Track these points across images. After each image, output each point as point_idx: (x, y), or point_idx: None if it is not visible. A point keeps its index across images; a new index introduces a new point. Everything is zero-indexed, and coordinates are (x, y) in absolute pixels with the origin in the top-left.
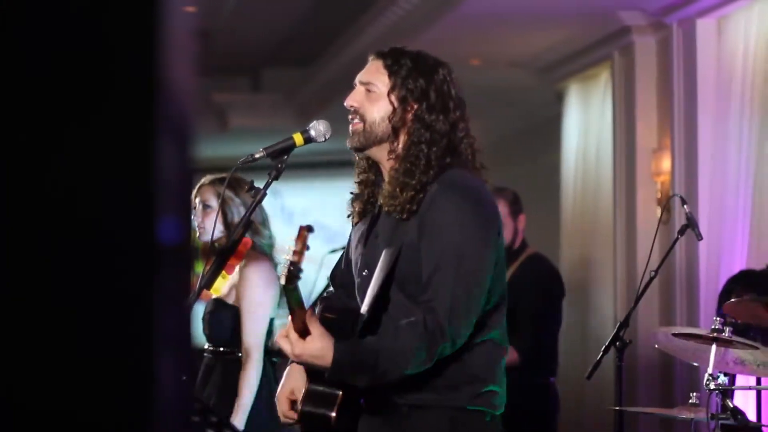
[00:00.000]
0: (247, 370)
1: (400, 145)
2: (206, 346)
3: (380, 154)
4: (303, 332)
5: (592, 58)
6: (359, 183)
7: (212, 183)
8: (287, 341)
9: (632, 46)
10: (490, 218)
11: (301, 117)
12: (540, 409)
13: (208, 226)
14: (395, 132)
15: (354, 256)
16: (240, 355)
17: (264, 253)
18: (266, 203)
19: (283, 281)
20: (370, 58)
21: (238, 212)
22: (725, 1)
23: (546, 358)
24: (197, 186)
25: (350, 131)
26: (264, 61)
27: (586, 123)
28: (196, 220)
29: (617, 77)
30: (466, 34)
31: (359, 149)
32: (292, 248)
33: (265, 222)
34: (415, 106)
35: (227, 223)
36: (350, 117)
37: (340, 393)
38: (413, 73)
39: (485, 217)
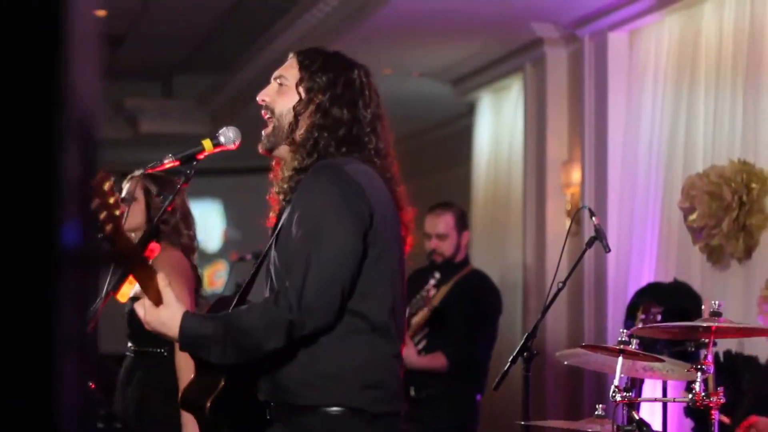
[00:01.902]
0: (178, 360)
1: (299, 134)
2: (129, 346)
3: (287, 153)
4: (158, 301)
5: (504, 70)
6: (278, 193)
7: (142, 177)
8: (142, 307)
9: (544, 58)
10: (357, 204)
11: (214, 123)
12: (459, 423)
13: (127, 218)
14: (297, 122)
15: None
16: (162, 351)
17: (178, 248)
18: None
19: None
20: (289, 57)
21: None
22: (637, 14)
23: (475, 373)
24: (129, 176)
25: (262, 135)
26: (176, 67)
27: (497, 134)
28: None
29: (529, 89)
30: (379, 44)
31: (270, 150)
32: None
33: (191, 225)
34: (320, 97)
35: (149, 219)
36: (263, 112)
37: (222, 383)
38: (323, 67)
39: (351, 203)
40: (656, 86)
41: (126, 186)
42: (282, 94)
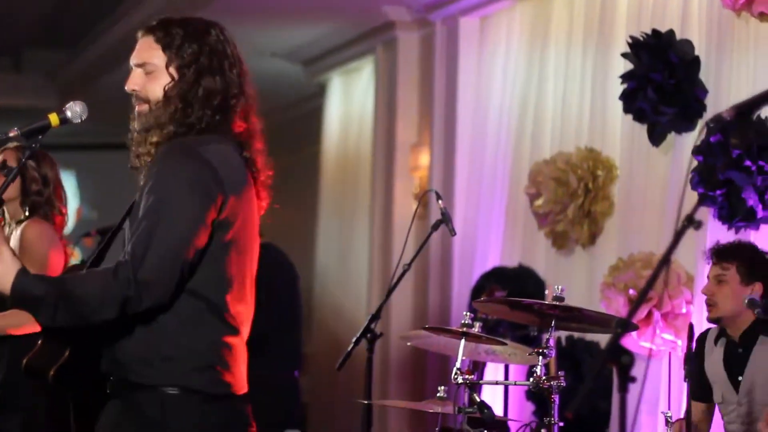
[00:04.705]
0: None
1: (172, 105)
2: None
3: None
4: None
5: (356, 52)
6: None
7: (16, 149)
8: None
9: (396, 42)
10: (208, 185)
11: (64, 98)
12: (277, 403)
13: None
14: (168, 97)
15: None
16: None
17: (49, 222)
18: None
19: None
20: (140, 35)
21: (35, 182)
22: (488, 0)
23: (284, 352)
24: (3, 147)
25: (136, 113)
26: (26, 41)
27: (347, 116)
28: None
29: (380, 72)
30: (231, 23)
31: (148, 130)
32: None
33: (63, 199)
34: (190, 71)
35: (24, 191)
36: (134, 101)
37: (67, 353)
38: (185, 40)
39: (201, 183)
40: (506, 72)
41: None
42: (153, 80)
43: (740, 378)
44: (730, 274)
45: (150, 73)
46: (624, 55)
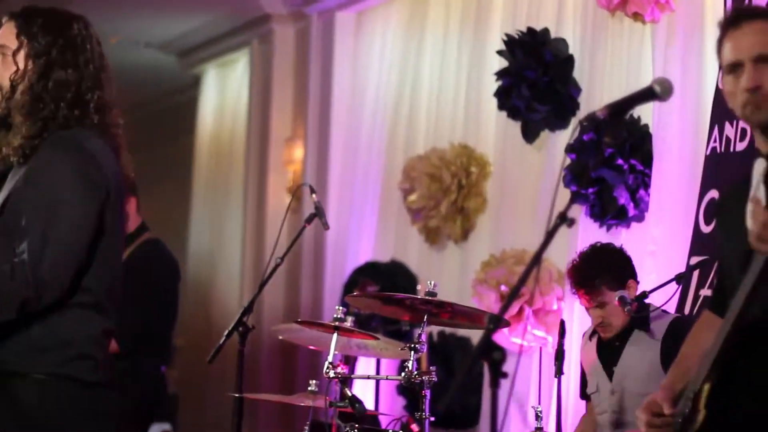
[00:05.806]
0: None
1: (21, 98)
2: None
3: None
4: None
5: (231, 44)
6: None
7: None
8: None
9: (272, 35)
10: (97, 183)
11: None
12: (146, 397)
13: None
14: (14, 90)
15: None
16: None
17: None
18: None
19: None
20: (4, 20)
21: None
22: None
23: (157, 347)
24: None
25: None
26: None
27: (222, 108)
28: None
29: (255, 65)
30: (107, 12)
31: (5, 117)
32: None
33: None
34: (41, 61)
35: None
36: None
37: None
38: (42, 29)
39: (90, 181)
40: (381, 67)
41: None
42: (6, 65)
43: (614, 368)
44: (604, 293)
45: (5, 56)
46: (499, 52)
